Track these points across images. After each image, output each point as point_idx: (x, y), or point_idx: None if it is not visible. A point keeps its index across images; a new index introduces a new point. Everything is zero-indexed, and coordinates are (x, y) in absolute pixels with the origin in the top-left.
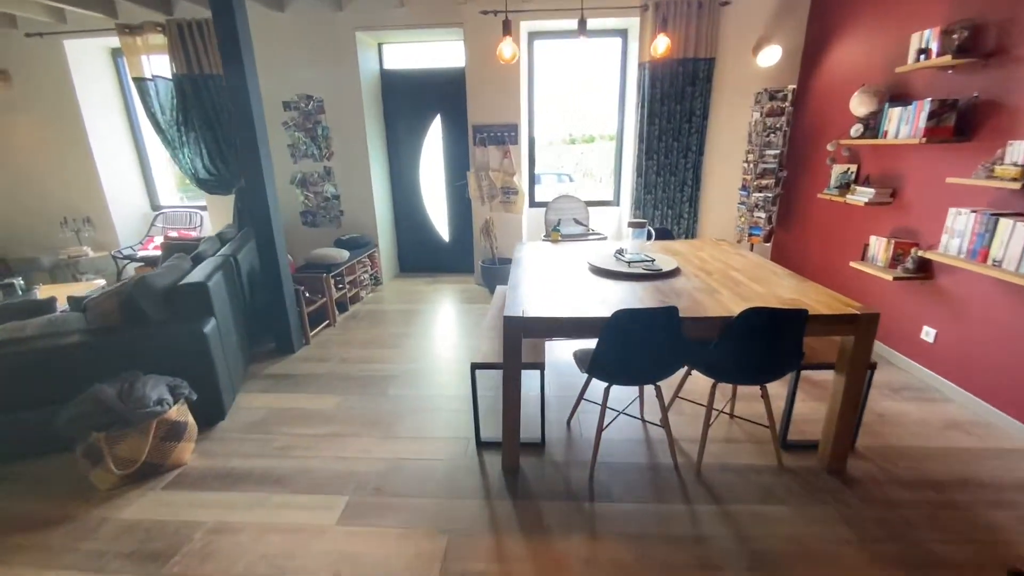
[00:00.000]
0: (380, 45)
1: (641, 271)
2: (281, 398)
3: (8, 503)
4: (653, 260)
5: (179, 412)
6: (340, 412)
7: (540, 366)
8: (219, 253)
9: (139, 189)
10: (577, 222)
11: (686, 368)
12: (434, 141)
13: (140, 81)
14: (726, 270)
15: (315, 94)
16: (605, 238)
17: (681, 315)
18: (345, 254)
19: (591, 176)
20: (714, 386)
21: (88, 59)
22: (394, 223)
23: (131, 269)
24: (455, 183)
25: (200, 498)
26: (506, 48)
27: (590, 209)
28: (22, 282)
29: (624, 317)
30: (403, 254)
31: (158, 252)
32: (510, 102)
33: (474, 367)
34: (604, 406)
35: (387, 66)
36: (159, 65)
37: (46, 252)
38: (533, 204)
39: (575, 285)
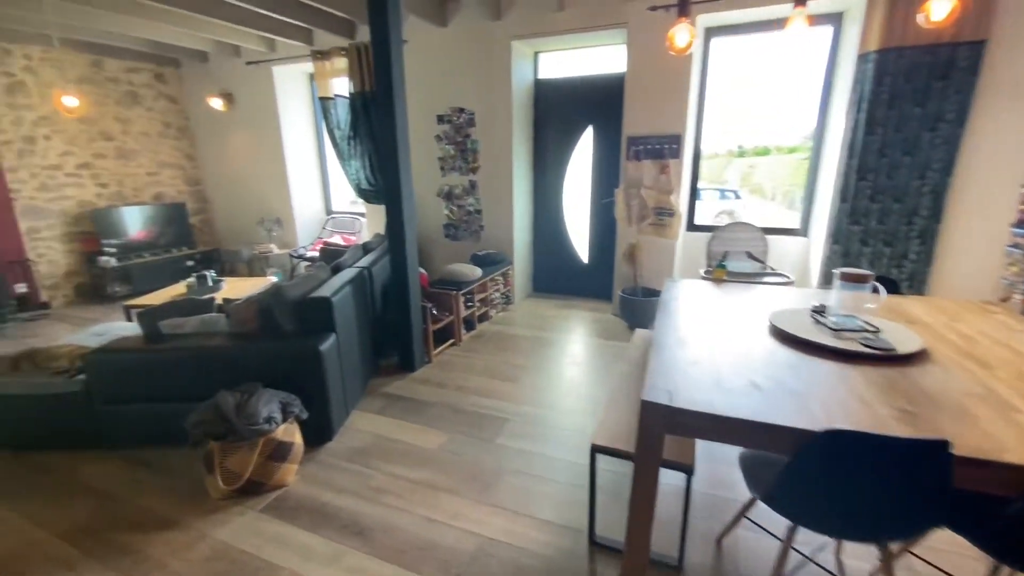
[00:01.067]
0: (536, 54)
1: (859, 347)
2: (391, 424)
3: (138, 491)
4: (878, 331)
5: (286, 432)
6: (443, 455)
7: (687, 469)
8: (356, 264)
9: (318, 195)
10: (751, 257)
11: None
12: (583, 155)
13: (325, 100)
14: (1015, 360)
15: (467, 107)
16: (791, 281)
17: (953, 451)
18: (478, 272)
19: (761, 193)
20: (997, 570)
21: (289, 82)
22: (532, 241)
23: (301, 267)
24: (601, 201)
25: (287, 534)
26: (680, 34)
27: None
28: (214, 274)
29: (844, 443)
30: (538, 273)
31: (316, 254)
32: (674, 109)
33: (595, 451)
34: (788, 545)
35: (541, 75)
36: (340, 86)
37: (246, 246)
38: (692, 227)
39: (749, 356)
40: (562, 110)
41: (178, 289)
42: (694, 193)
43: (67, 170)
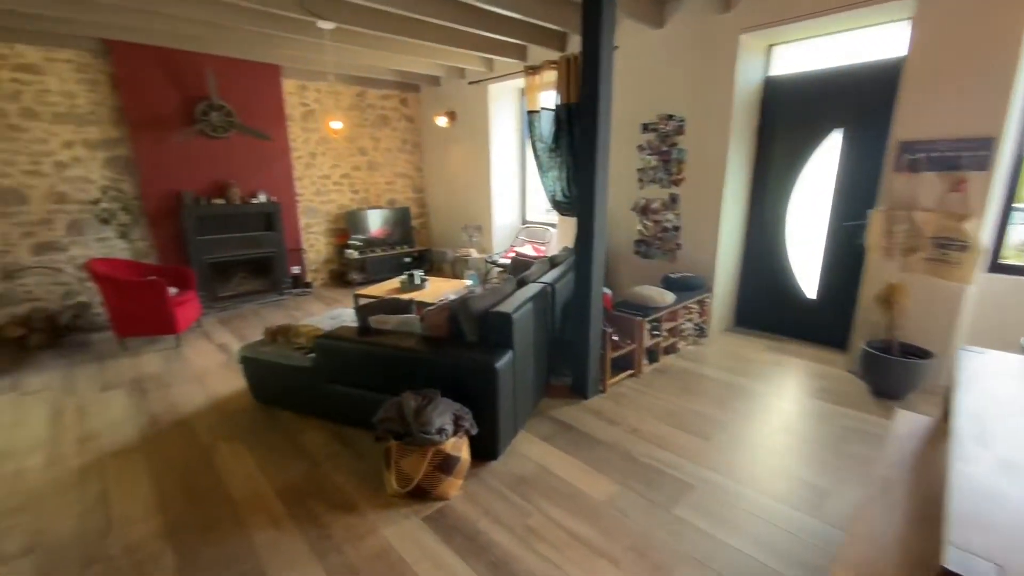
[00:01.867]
0: (769, 47)
1: None
2: (556, 457)
3: (336, 466)
4: None
5: (455, 446)
6: (608, 512)
7: None
8: (541, 280)
9: (515, 205)
10: None
11: None
12: (821, 166)
13: (531, 113)
14: None
15: (677, 113)
16: None
17: None
18: (670, 297)
19: None
20: None
21: (501, 98)
22: (740, 265)
23: (494, 272)
24: (844, 223)
25: (441, 555)
26: None
27: None
28: (421, 274)
29: None
30: (744, 305)
31: (507, 262)
32: (986, 102)
33: None
34: None
35: (774, 72)
36: (546, 99)
37: (451, 249)
38: (998, 268)
39: None
40: (799, 111)
41: (393, 284)
42: (1006, 219)
43: (334, 179)
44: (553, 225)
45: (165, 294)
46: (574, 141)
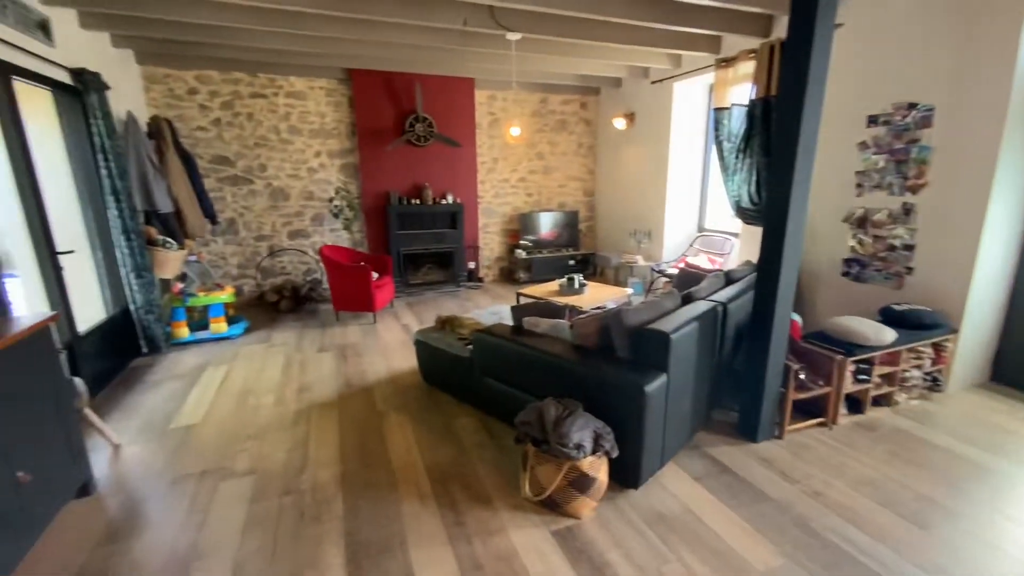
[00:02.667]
0: None
1: None
2: (708, 502)
3: (480, 456)
4: None
5: (592, 465)
6: None
7: None
8: (711, 297)
9: (691, 211)
10: None
11: None
12: None
13: (719, 111)
14: None
15: (923, 101)
16: None
17: None
18: (888, 335)
19: None
20: None
21: (687, 97)
22: (1007, 302)
23: (660, 282)
24: None
25: (558, 574)
26: None
27: None
28: (581, 278)
29: None
30: (1009, 354)
31: (676, 272)
32: None
33: None
34: None
35: None
36: (739, 94)
37: (616, 254)
38: None
39: None
40: None
41: (552, 286)
42: None
43: (511, 183)
44: (734, 235)
45: (370, 278)
46: (770, 140)
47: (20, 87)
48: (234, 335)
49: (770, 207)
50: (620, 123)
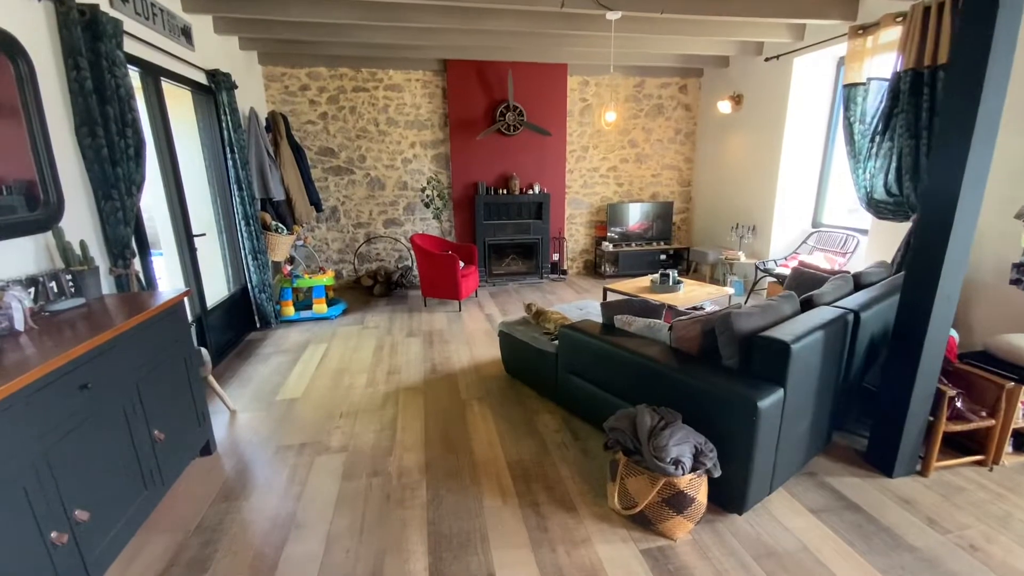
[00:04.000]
0: None
1: None
2: (829, 541)
3: (563, 456)
4: None
5: (691, 483)
6: None
7: None
8: (838, 304)
9: (806, 203)
10: None
11: None
12: None
13: (851, 87)
14: None
15: None
16: None
17: None
18: None
19: None
20: None
21: (810, 73)
22: None
23: (765, 282)
24: None
25: None
26: None
27: None
28: (675, 275)
29: None
30: None
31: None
32: None
33: None
34: None
35: None
36: (879, 67)
37: (714, 249)
38: None
39: None
40: None
41: (643, 282)
42: None
43: (601, 172)
44: (860, 231)
45: (457, 267)
46: (919, 120)
47: (167, 88)
48: (333, 316)
49: (930, 199)
50: (726, 106)
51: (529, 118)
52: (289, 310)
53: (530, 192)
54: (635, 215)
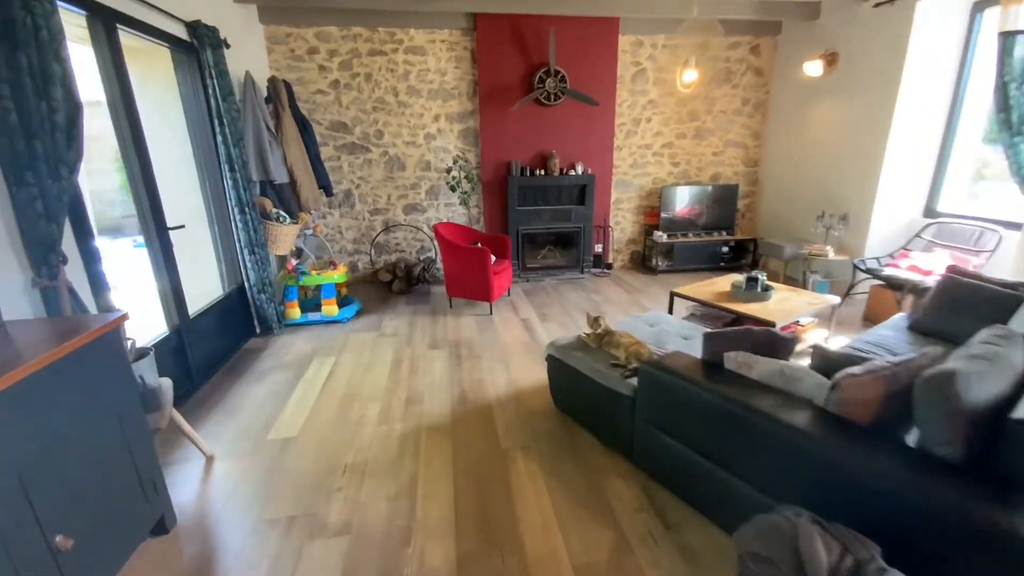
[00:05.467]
0: None
1: None
2: None
3: (652, 562)
4: None
5: None
6: None
7: None
8: None
9: (918, 189)
10: None
11: None
12: None
13: (1010, 36)
14: None
15: None
16: None
17: None
18: None
19: None
20: None
21: (935, 21)
22: None
23: (864, 286)
24: None
25: None
26: None
27: None
28: (764, 278)
29: None
30: None
31: (913, 274)
32: None
33: None
34: None
35: None
36: None
37: (792, 242)
38: None
39: None
40: None
41: (719, 285)
42: None
43: (654, 149)
44: (1002, 224)
45: (488, 263)
46: None
47: (139, 46)
48: (345, 318)
49: None
50: (815, 68)
51: (572, 84)
52: (294, 312)
53: (571, 173)
54: (691, 199)
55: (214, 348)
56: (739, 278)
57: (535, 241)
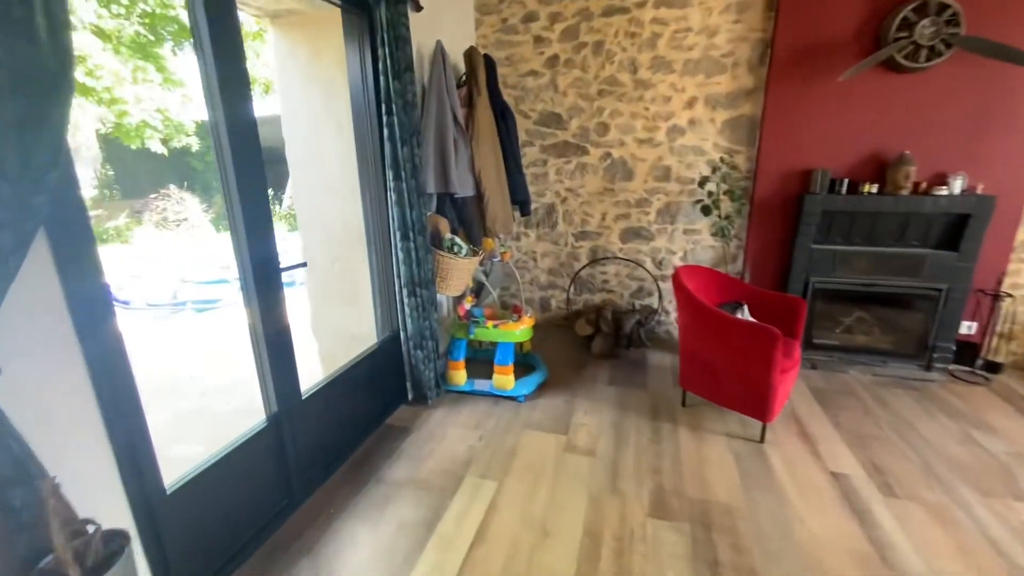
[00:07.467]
0: None
1: None
2: None
3: None
4: None
5: None
6: None
7: None
8: None
9: None
10: None
11: None
12: None
13: None
14: None
15: None
16: None
17: None
18: None
19: None
20: None
21: None
22: None
23: None
24: None
25: None
26: None
27: None
28: None
29: None
30: None
31: None
32: None
33: None
34: None
35: None
36: None
37: None
38: None
39: None
40: None
41: None
42: None
43: None
44: None
45: (776, 357)
46: None
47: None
48: (521, 396)
49: None
50: None
51: (972, 29)
52: (459, 376)
53: (939, 192)
54: None
55: (344, 424)
56: None
57: (836, 300)
